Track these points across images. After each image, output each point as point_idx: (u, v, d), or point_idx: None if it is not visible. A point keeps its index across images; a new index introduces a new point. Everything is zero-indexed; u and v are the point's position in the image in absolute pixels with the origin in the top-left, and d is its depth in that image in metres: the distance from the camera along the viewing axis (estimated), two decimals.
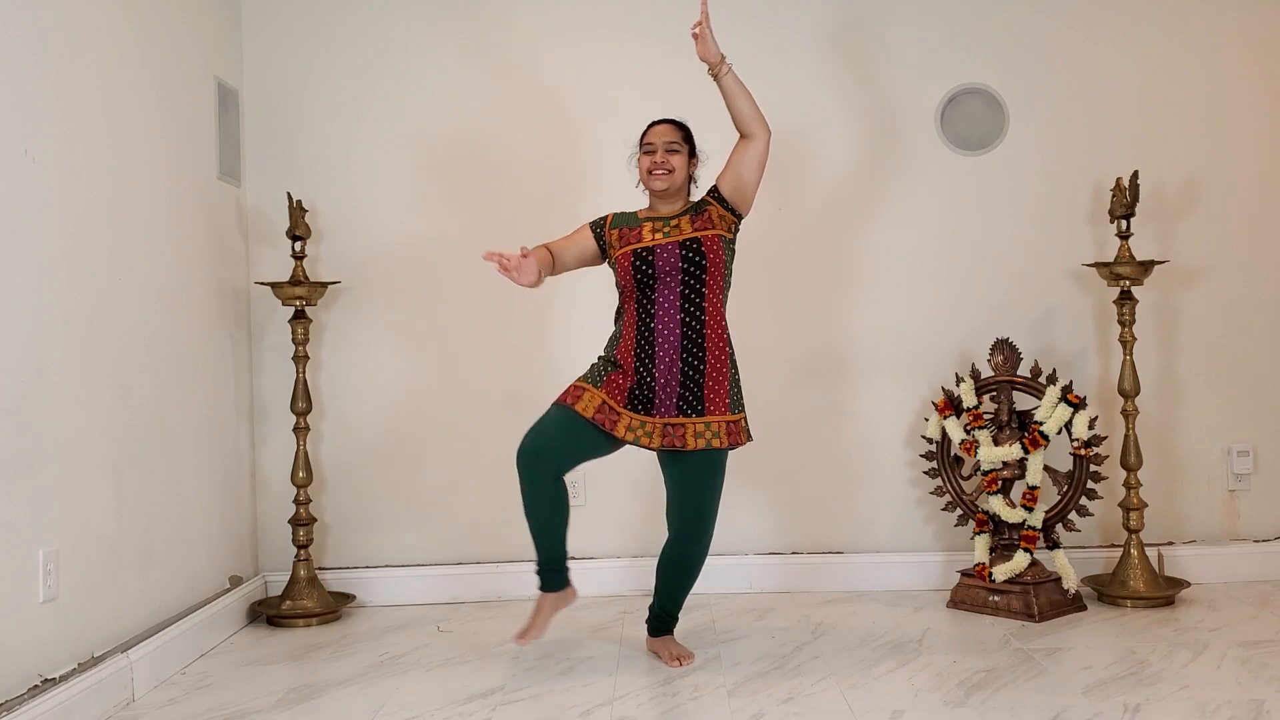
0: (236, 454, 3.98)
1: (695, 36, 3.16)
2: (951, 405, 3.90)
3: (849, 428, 4.17)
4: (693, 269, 3.13)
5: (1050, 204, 4.17)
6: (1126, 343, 3.88)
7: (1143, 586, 3.79)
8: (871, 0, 4.19)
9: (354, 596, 4.05)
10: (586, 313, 4.01)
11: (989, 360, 3.91)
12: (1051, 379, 3.79)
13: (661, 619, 3.33)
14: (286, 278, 3.94)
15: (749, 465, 4.11)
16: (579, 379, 3.19)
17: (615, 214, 3.31)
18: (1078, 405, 3.70)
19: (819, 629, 3.61)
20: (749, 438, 3.22)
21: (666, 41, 4.02)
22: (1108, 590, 3.83)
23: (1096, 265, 3.88)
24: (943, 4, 4.20)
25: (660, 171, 3.20)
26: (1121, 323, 3.89)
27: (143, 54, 3.38)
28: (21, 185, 2.72)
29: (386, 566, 4.14)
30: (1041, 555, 3.80)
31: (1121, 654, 3.24)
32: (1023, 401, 3.89)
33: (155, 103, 3.45)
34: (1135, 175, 3.84)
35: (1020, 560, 3.70)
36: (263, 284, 3.99)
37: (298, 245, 3.90)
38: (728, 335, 3.20)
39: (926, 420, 3.99)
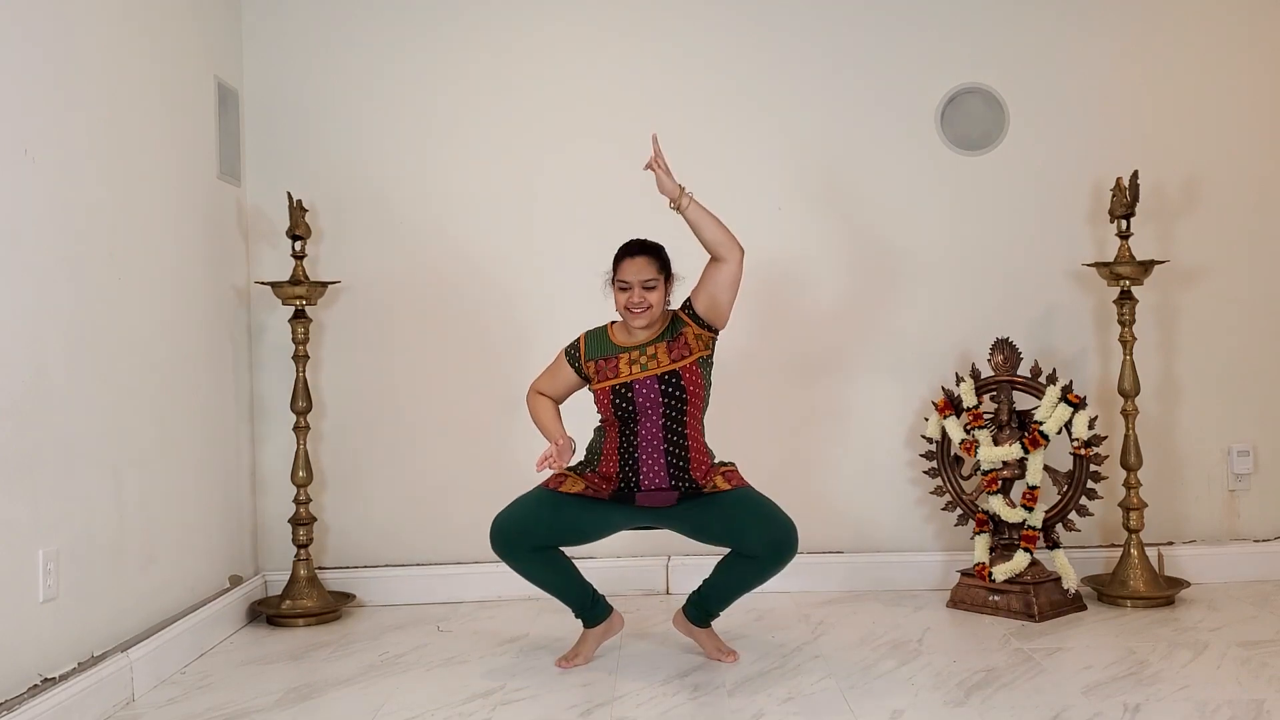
0: (236, 454, 3.98)
1: (650, 168, 3.15)
2: (951, 405, 3.90)
3: (849, 428, 4.17)
4: (673, 401, 3.13)
5: (1050, 204, 4.17)
6: (1126, 343, 3.88)
7: (1143, 586, 3.79)
8: (872, 0, 4.19)
9: (354, 596, 4.05)
10: (587, 312, 4.00)
11: (989, 360, 3.91)
12: (1051, 379, 3.79)
13: (708, 613, 3.28)
14: (286, 278, 3.93)
15: (750, 465, 4.10)
16: (564, 469, 3.22)
17: (588, 337, 3.28)
18: (1078, 405, 3.70)
19: (819, 629, 3.61)
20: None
21: (671, 30, 4.02)
22: (1108, 590, 3.83)
23: (1096, 265, 3.88)
24: (943, 4, 4.19)
25: (638, 310, 3.15)
26: (1121, 323, 3.88)
27: (143, 54, 3.38)
28: (21, 185, 2.73)
29: (386, 566, 4.15)
30: (1041, 555, 3.80)
31: (1121, 654, 3.24)
32: (1023, 401, 3.89)
33: (155, 102, 3.45)
34: (1135, 175, 3.84)
35: (1020, 560, 3.70)
36: (263, 284, 3.99)
37: (298, 245, 3.90)
38: (706, 442, 3.23)
39: (926, 420, 3.99)
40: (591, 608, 3.27)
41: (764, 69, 4.18)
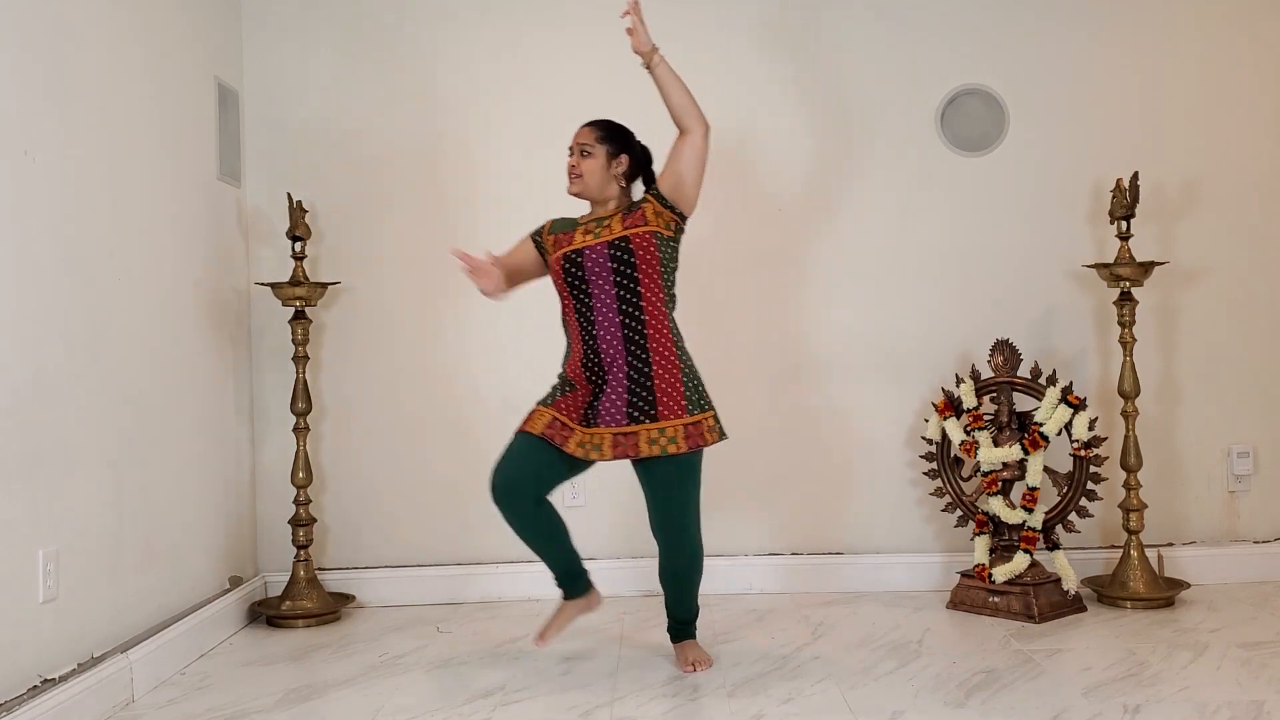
0: (236, 454, 3.98)
1: (628, 31, 3.13)
2: (951, 406, 3.90)
3: (849, 428, 4.17)
4: (623, 268, 3.06)
5: (1050, 204, 4.17)
6: (1126, 344, 3.88)
7: (1142, 587, 3.79)
8: (872, 1, 4.19)
9: (354, 597, 4.05)
10: None
11: (989, 361, 3.91)
12: (1051, 380, 3.79)
13: (675, 625, 3.29)
14: (286, 278, 3.94)
15: (750, 465, 4.11)
16: (538, 403, 3.17)
17: (554, 220, 3.27)
18: (1078, 406, 3.70)
19: (819, 630, 3.61)
20: (720, 436, 3.11)
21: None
22: (1107, 591, 3.83)
23: (1096, 266, 3.88)
24: (943, 4, 4.20)
25: (571, 175, 3.18)
26: (1121, 324, 3.89)
27: (143, 54, 3.38)
28: (21, 185, 2.73)
29: (386, 566, 4.15)
30: (1041, 556, 3.80)
31: (1121, 655, 3.24)
32: (1023, 402, 3.89)
33: (155, 103, 3.45)
34: (1135, 176, 3.84)
35: (1020, 561, 3.70)
36: (263, 284, 3.99)
37: (298, 245, 3.91)
38: (674, 335, 3.12)
39: (926, 421, 3.99)
40: (578, 577, 3.20)
41: (762, 68, 4.18)
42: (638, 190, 3.27)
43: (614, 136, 3.21)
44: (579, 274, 3.09)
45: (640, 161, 3.26)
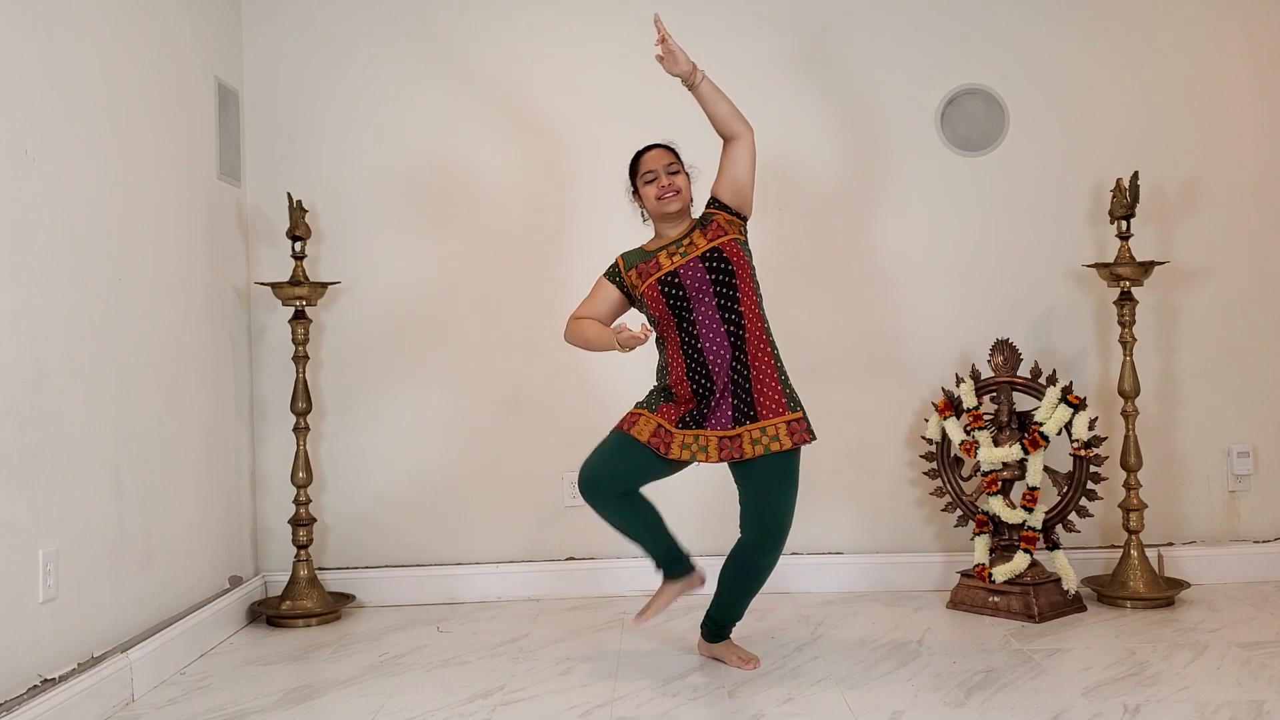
0: (236, 454, 3.98)
1: (659, 59, 3.15)
2: (951, 406, 3.90)
3: (849, 428, 4.17)
4: (722, 277, 3.11)
5: (1050, 204, 4.17)
6: (1126, 343, 3.88)
7: (1143, 587, 3.79)
8: (871, 1, 4.19)
9: (354, 596, 4.05)
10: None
11: (989, 361, 3.91)
12: (1051, 380, 3.79)
13: (720, 625, 3.28)
14: (286, 278, 3.94)
15: None
16: (636, 405, 3.20)
17: (624, 254, 3.28)
18: (1078, 406, 3.70)
19: (819, 629, 3.61)
20: (812, 436, 3.15)
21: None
22: (1107, 591, 3.83)
23: (1097, 266, 3.88)
24: (943, 5, 4.20)
25: (669, 195, 3.18)
26: (1121, 323, 3.89)
27: (143, 54, 3.38)
28: (21, 185, 2.73)
29: (386, 566, 4.15)
30: (1041, 556, 3.80)
31: (1121, 655, 3.24)
32: (1023, 402, 3.89)
33: (155, 103, 3.45)
34: (1135, 176, 3.84)
35: (1020, 561, 3.70)
36: (263, 284, 3.99)
37: (298, 245, 3.90)
38: (769, 335, 3.17)
39: (926, 421, 4.00)
40: (677, 559, 3.25)
41: (763, 70, 4.18)
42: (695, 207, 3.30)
43: (679, 156, 3.26)
44: (680, 294, 3.12)
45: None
